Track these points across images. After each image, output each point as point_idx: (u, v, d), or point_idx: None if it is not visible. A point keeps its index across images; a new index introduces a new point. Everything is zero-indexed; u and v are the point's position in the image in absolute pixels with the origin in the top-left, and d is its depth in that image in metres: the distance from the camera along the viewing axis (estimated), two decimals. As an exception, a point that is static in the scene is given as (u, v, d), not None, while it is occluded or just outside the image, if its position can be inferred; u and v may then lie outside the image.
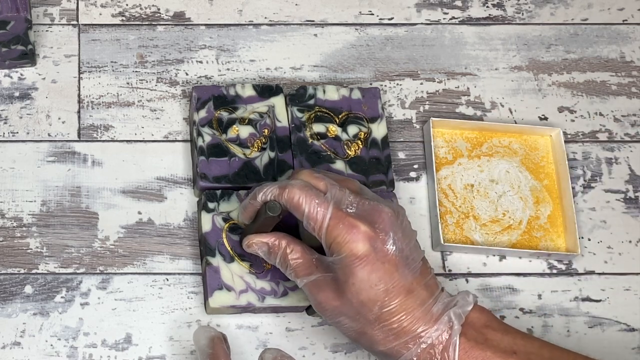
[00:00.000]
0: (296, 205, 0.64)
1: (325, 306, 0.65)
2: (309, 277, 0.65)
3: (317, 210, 0.63)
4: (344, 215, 0.63)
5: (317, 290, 0.65)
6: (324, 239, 0.64)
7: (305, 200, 0.64)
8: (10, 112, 0.79)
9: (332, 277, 0.64)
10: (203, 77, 0.81)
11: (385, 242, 0.62)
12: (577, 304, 0.74)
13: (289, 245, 0.66)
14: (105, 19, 0.83)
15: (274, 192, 0.65)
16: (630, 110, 0.82)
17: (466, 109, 0.81)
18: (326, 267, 0.64)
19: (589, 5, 0.86)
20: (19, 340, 0.71)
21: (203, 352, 0.64)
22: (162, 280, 0.73)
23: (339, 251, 0.63)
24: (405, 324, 0.62)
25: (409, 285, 0.63)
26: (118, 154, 0.77)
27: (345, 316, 0.64)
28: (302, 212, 0.64)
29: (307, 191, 0.64)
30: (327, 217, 0.63)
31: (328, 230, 0.63)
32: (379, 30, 0.84)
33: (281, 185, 0.65)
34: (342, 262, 0.63)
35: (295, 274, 0.66)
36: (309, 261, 0.65)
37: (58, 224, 0.75)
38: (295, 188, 0.64)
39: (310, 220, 0.64)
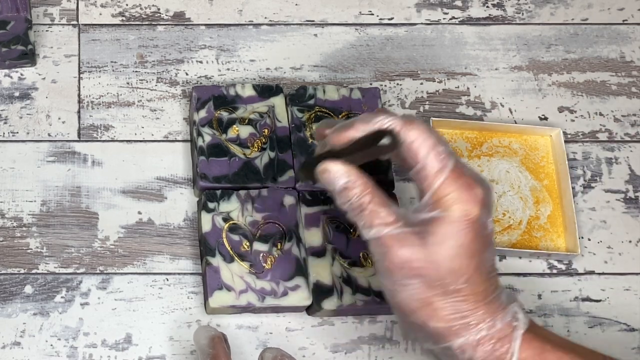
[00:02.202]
0: (417, 147, 0.58)
1: (401, 264, 0.57)
2: (388, 227, 0.57)
3: (440, 158, 0.57)
4: (463, 173, 0.58)
5: (397, 244, 0.57)
6: (432, 191, 0.57)
7: (429, 144, 0.58)
8: (10, 112, 0.79)
9: (421, 234, 0.57)
10: (203, 77, 0.81)
11: (488, 216, 0.58)
12: (577, 304, 0.74)
13: (373, 190, 0.58)
14: (105, 19, 0.83)
15: (395, 123, 0.58)
16: (630, 110, 0.82)
17: (466, 109, 0.81)
18: (415, 222, 0.58)
19: (589, 5, 0.86)
20: (19, 340, 0.71)
21: (204, 352, 0.64)
22: (162, 280, 0.73)
23: (448, 207, 0.57)
24: (478, 305, 0.58)
25: (490, 268, 0.59)
26: (118, 154, 0.77)
27: (422, 280, 0.57)
28: (419, 157, 0.58)
29: (433, 134, 0.58)
30: (448, 169, 0.57)
31: (445, 183, 0.57)
32: (379, 30, 0.84)
33: (407, 118, 0.59)
34: (447, 219, 0.57)
35: (369, 222, 0.58)
36: (392, 212, 0.58)
37: (58, 224, 0.75)
38: (422, 127, 0.58)
39: (426, 166, 0.57)
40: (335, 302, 0.70)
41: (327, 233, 0.73)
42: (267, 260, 0.71)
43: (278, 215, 0.72)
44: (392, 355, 0.72)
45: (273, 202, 0.73)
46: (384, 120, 0.59)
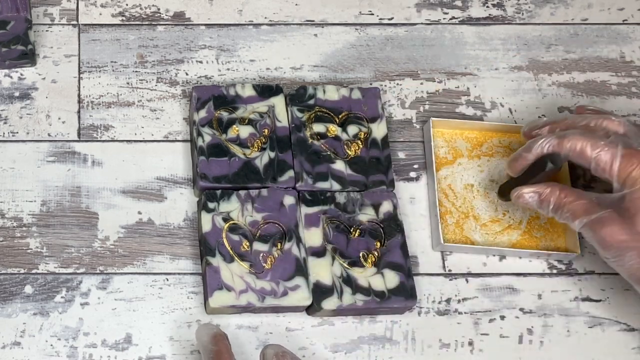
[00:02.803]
0: (580, 152, 0.66)
1: (611, 241, 0.65)
2: (590, 215, 0.66)
3: (606, 150, 0.66)
4: (636, 151, 0.65)
5: (600, 226, 0.65)
6: (616, 177, 0.65)
7: (591, 145, 0.66)
8: (10, 112, 0.79)
9: (618, 212, 0.65)
10: (203, 77, 0.81)
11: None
12: (577, 304, 0.74)
13: (563, 191, 0.67)
14: (105, 19, 0.83)
15: (553, 143, 0.68)
16: (630, 110, 0.82)
17: (466, 109, 0.81)
18: (609, 204, 0.65)
19: (589, 5, 0.86)
20: (19, 340, 0.71)
21: (206, 349, 0.64)
22: (162, 280, 0.73)
23: (634, 184, 0.64)
24: None
25: None
26: (118, 154, 0.77)
27: (634, 250, 0.64)
28: (588, 157, 0.66)
29: (589, 137, 0.66)
30: (618, 155, 0.65)
31: (621, 167, 0.65)
32: (379, 30, 0.84)
33: (559, 135, 0.68)
34: (635, 194, 0.64)
35: (572, 216, 0.67)
36: (587, 201, 0.66)
37: (58, 224, 0.75)
38: (577, 136, 0.67)
39: (599, 163, 0.66)
40: (335, 302, 0.70)
41: (327, 233, 0.73)
42: (267, 260, 0.71)
43: (278, 215, 0.72)
44: (392, 355, 0.72)
45: (273, 202, 0.73)
46: (543, 144, 0.68)
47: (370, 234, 0.73)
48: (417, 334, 0.73)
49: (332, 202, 0.74)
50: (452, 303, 0.74)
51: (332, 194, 0.74)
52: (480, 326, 0.73)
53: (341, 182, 0.74)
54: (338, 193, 0.74)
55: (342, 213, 0.73)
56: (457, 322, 0.73)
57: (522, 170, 0.71)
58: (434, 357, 0.72)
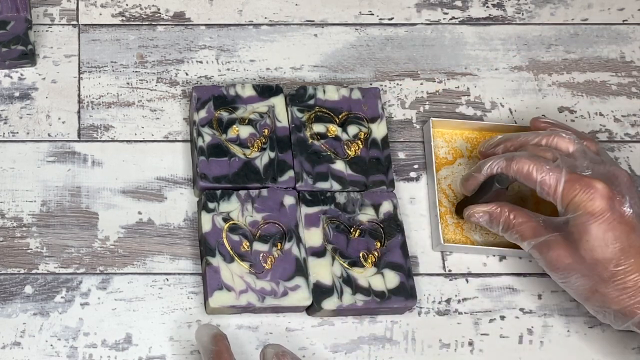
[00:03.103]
0: (527, 175, 0.67)
1: (557, 264, 0.66)
2: (538, 238, 0.67)
3: (550, 175, 0.66)
4: (579, 177, 0.66)
5: (547, 249, 0.67)
6: (559, 202, 0.66)
7: (536, 168, 0.67)
8: (10, 112, 0.79)
9: (563, 236, 0.66)
10: (203, 77, 0.81)
11: (623, 204, 0.65)
12: (577, 304, 0.74)
13: (512, 212, 0.69)
14: (105, 19, 0.83)
15: (501, 164, 0.69)
16: (630, 110, 0.82)
17: (466, 109, 0.81)
18: (556, 227, 0.66)
19: (589, 5, 0.86)
20: (19, 340, 0.71)
21: (206, 350, 0.64)
22: (162, 280, 0.73)
23: (576, 209, 0.65)
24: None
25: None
26: (118, 154, 0.77)
27: (578, 274, 0.66)
28: (534, 180, 0.67)
29: (536, 160, 0.67)
30: (562, 180, 0.66)
31: (564, 193, 0.66)
32: (379, 30, 0.84)
33: (507, 157, 0.69)
34: (577, 219, 0.65)
35: (521, 238, 0.68)
36: (535, 224, 0.68)
37: (58, 224, 0.75)
38: (524, 158, 0.68)
39: (544, 186, 0.67)
40: (335, 302, 0.70)
41: (327, 233, 0.73)
42: (267, 260, 0.71)
43: (278, 215, 0.72)
44: (392, 355, 0.72)
45: (273, 202, 0.73)
46: (491, 165, 0.70)
47: (370, 234, 0.73)
48: (417, 334, 0.73)
49: (332, 202, 0.74)
50: (452, 303, 0.74)
51: (332, 194, 0.74)
52: (480, 326, 0.73)
53: (341, 182, 0.74)
54: (338, 193, 0.74)
55: (342, 213, 0.73)
56: (457, 322, 0.73)
57: (475, 189, 0.72)
58: (434, 357, 0.72)
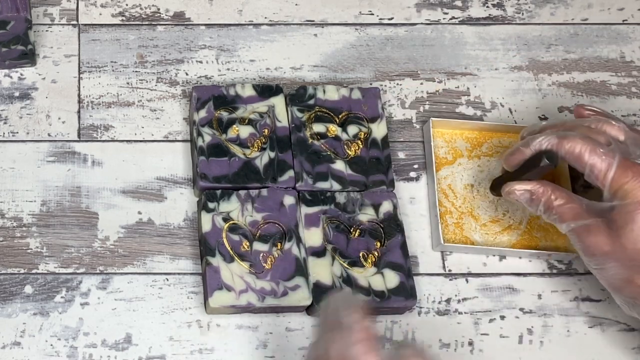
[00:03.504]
0: (578, 156, 0.66)
1: (595, 250, 0.65)
2: (578, 221, 0.66)
3: (603, 158, 0.65)
4: (632, 164, 0.65)
5: (587, 234, 0.65)
6: (607, 187, 0.65)
7: (589, 149, 0.66)
8: (10, 112, 0.79)
9: (605, 222, 0.65)
10: (203, 77, 0.81)
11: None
12: (577, 304, 0.74)
13: (554, 192, 0.67)
14: (105, 19, 0.83)
15: (552, 141, 0.67)
16: (630, 110, 0.82)
17: (466, 109, 0.81)
18: (598, 212, 0.65)
19: (589, 5, 0.86)
20: (19, 340, 0.71)
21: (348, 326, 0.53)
22: (162, 280, 0.73)
23: (625, 197, 0.64)
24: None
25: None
26: (118, 154, 0.77)
27: (616, 262, 0.65)
28: (584, 162, 0.66)
29: (589, 142, 0.66)
30: (614, 165, 0.65)
31: (615, 177, 0.65)
32: (379, 30, 0.84)
33: (560, 135, 0.67)
34: (625, 207, 0.64)
35: (560, 219, 0.67)
36: (577, 206, 0.66)
37: (58, 224, 0.75)
38: (577, 138, 0.66)
39: (594, 169, 0.65)
40: (335, 302, 0.70)
41: (327, 233, 0.73)
42: (267, 260, 0.71)
43: (278, 215, 0.72)
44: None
45: (273, 202, 0.73)
46: (541, 141, 0.68)
47: (370, 234, 0.73)
48: (417, 334, 0.73)
49: (332, 202, 0.74)
50: (452, 303, 0.74)
51: (332, 194, 0.74)
52: (480, 326, 0.73)
53: (341, 182, 0.74)
54: (338, 193, 0.74)
55: (342, 213, 0.73)
56: (457, 322, 0.73)
57: (518, 164, 0.70)
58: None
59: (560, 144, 0.67)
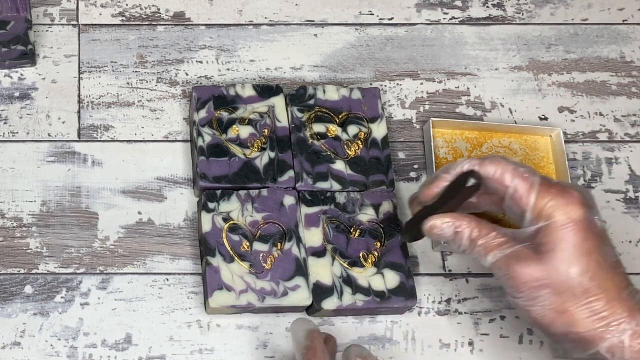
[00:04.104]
0: (500, 176, 0.63)
1: (524, 278, 0.60)
2: (504, 250, 0.62)
3: (525, 177, 0.62)
4: (553, 182, 0.62)
5: (514, 262, 0.61)
6: (531, 207, 0.61)
7: (510, 170, 0.63)
8: (10, 112, 0.79)
9: (534, 247, 0.61)
10: (203, 77, 0.81)
11: (594, 214, 0.61)
12: (577, 304, 0.74)
13: (478, 223, 0.63)
14: (105, 19, 0.83)
15: (474, 162, 0.64)
16: (630, 110, 0.82)
17: (466, 109, 0.81)
18: (524, 238, 0.62)
19: (589, 5, 0.86)
20: (19, 340, 0.71)
21: (299, 345, 0.62)
22: (162, 280, 0.73)
23: (550, 216, 0.60)
24: (613, 303, 0.59)
25: (615, 264, 0.60)
26: (118, 154, 0.77)
27: (548, 289, 0.60)
28: (506, 183, 0.63)
29: (510, 163, 0.63)
30: (537, 183, 0.62)
31: (539, 196, 0.61)
32: (379, 30, 0.84)
33: (478, 158, 0.65)
34: (552, 227, 0.60)
35: (485, 250, 0.62)
36: (501, 235, 0.63)
37: (58, 224, 0.75)
38: (499, 159, 0.64)
39: (517, 189, 0.62)
40: (335, 302, 0.70)
41: (327, 233, 0.73)
42: (267, 260, 0.71)
43: (278, 215, 0.72)
44: (392, 355, 0.72)
45: (273, 202, 0.73)
46: (462, 164, 0.64)
47: (370, 234, 0.73)
48: (417, 334, 0.73)
49: (332, 202, 0.74)
50: (452, 303, 0.74)
51: (332, 194, 0.74)
52: (480, 326, 0.73)
53: (341, 182, 0.74)
54: (338, 193, 0.74)
55: (342, 213, 0.73)
56: (457, 322, 0.73)
57: (439, 193, 0.66)
58: (434, 357, 0.72)
59: (482, 165, 0.64)
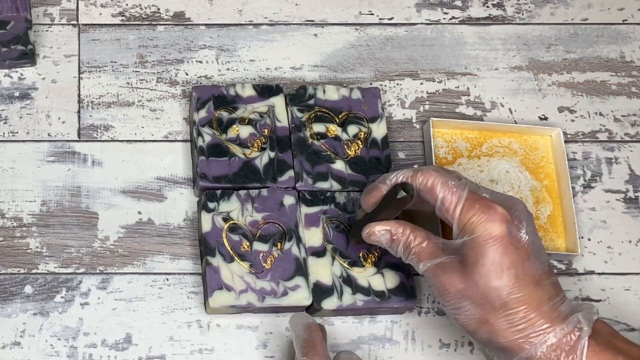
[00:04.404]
0: (431, 188, 0.65)
1: (449, 289, 0.63)
2: (433, 260, 0.64)
3: (453, 191, 0.64)
4: (480, 197, 0.64)
5: (441, 272, 0.64)
6: (456, 221, 0.64)
7: (441, 182, 0.65)
8: (10, 112, 0.79)
9: (459, 259, 0.63)
10: (203, 77, 0.81)
11: (520, 229, 0.62)
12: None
13: (413, 231, 0.66)
14: (105, 19, 0.83)
15: (407, 174, 0.66)
16: (630, 110, 0.82)
17: (466, 109, 0.81)
18: (453, 250, 0.64)
19: (589, 5, 0.86)
20: (19, 340, 0.71)
21: (299, 338, 0.64)
22: (162, 280, 0.73)
23: (473, 231, 0.63)
24: (532, 315, 0.61)
25: (539, 278, 0.62)
26: (118, 154, 0.77)
27: (469, 301, 0.62)
28: (436, 195, 0.65)
29: (442, 175, 0.65)
30: (463, 198, 0.64)
31: (463, 210, 0.63)
32: (379, 30, 0.84)
33: (413, 169, 0.66)
34: (474, 242, 0.62)
35: (417, 259, 0.65)
36: (433, 245, 0.65)
37: (58, 224, 0.75)
38: (431, 170, 0.66)
39: (445, 202, 0.64)
40: (335, 302, 0.70)
41: (327, 233, 0.73)
42: (267, 260, 0.71)
43: (278, 215, 0.72)
44: (392, 355, 0.72)
45: (273, 202, 0.73)
46: (397, 175, 0.67)
47: (370, 234, 0.73)
48: (417, 334, 0.73)
49: (332, 202, 0.74)
50: (452, 303, 0.74)
51: (332, 194, 0.74)
52: (480, 326, 0.73)
53: (341, 182, 0.74)
54: (338, 193, 0.74)
55: (342, 213, 0.73)
56: (457, 322, 0.73)
57: (376, 202, 0.68)
58: (434, 357, 0.72)
59: (415, 176, 0.66)
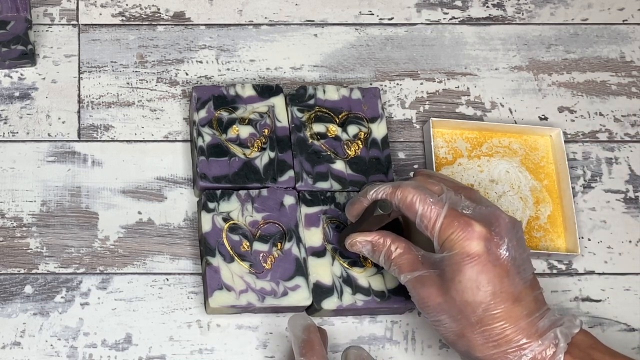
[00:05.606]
0: (409, 204, 0.65)
1: (428, 302, 0.64)
2: (413, 273, 0.65)
3: (432, 208, 0.64)
4: (459, 215, 0.63)
5: (420, 285, 0.64)
6: (436, 237, 0.64)
7: (419, 199, 0.64)
8: (10, 112, 0.79)
9: (438, 274, 0.63)
10: (203, 77, 0.81)
11: (500, 246, 0.62)
12: (577, 304, 0.74)
13: (394, 243, 0.66)
14: (105, 19, 0.83)
15: (387, 190, 0.66)
16: (630, 110, 0.82)
17: (466, 109, 0.81)
18: (432, 264, 0.64)
19: (589, 5, 0.86)
20: (19, 340, 0.71)
21: (297, 338, 0.64)
22: (162, 280, 0.73)
23: (451, 248, 0.63)
24: (508, 332, 0.61)
25: (518, 294, 0.62)
26: (118, 154, 0.77)
27: (447, 315, 0.63)
28: (415, 211, 0.64)
29: (421, 191, 0.65)
30: (442, 215, 0.63)
31: (442, 228, 0.63)
32: (379, 30, 0.84)
33: (394, 184, 0.66)
34: (451, 259, 0.63)
35: (399, 270, 0.66)
36: (414, 258, 0.65)
37: (58, 224, 0.75)
38: (409, 187, 0.65)
39: (423, 219, 0.64)
40: (335, 302, 0.70)
41: (327, 233, 0.73)
42: (267, 260, 0.71)
43: (278, 215, 0.72)
44: (392, 355, 0.72)
45: (273, 202, 0.73)
46: (377, 191, 0.67)
47: (370, 234, 0.73)
48: (417, 334, 0.73)
49: (332, 202, 0.74)
50: (452, 303, 0.74)
51: (332, 194, 0.74)
52: (480, 326, 0.73)
53: (341, 182, 0.74)
54: (338, 193, 0.74)
55: (342, 213, 0.73)
56: (457, 322, 0.73)
57: (358, 215, 0.69)
58: (434, 357, 0.72)
59: (394, 193, 0.66)
